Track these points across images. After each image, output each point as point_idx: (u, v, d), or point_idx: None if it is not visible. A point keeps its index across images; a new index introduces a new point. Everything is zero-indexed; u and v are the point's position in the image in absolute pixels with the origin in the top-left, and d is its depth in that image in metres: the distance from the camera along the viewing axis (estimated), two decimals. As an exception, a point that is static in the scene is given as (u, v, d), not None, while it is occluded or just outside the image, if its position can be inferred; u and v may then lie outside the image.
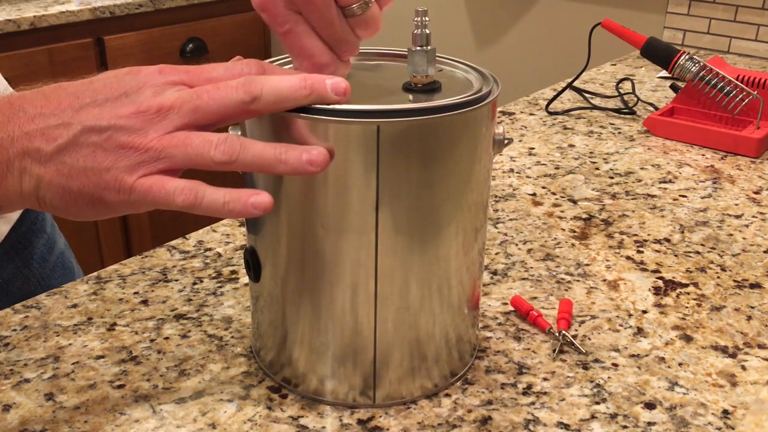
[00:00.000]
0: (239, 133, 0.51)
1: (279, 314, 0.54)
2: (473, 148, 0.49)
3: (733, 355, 0.60)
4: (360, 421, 0.52)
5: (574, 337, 0.62)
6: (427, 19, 0.51)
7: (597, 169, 0.96)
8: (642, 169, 0.96)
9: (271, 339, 0.55)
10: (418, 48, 0.51)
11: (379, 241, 0.49)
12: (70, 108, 0.45)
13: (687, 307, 0.66)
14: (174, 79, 0.46)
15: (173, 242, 0.75)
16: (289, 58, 0.55)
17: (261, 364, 0.58)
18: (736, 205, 0.87)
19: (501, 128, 0.52)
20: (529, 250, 0.76)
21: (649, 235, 0.79)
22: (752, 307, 0.67)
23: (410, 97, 0.51)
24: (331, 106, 0.46)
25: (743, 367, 0.59)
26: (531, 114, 1.17)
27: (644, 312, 0.66)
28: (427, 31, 0.51)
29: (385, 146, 0.46)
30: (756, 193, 0.90)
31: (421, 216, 0.49)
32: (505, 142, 0.53)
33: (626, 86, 1.29)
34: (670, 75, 1.08)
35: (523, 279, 0.70)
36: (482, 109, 0.49)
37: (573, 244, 0.77)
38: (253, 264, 0.53)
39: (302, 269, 0.51)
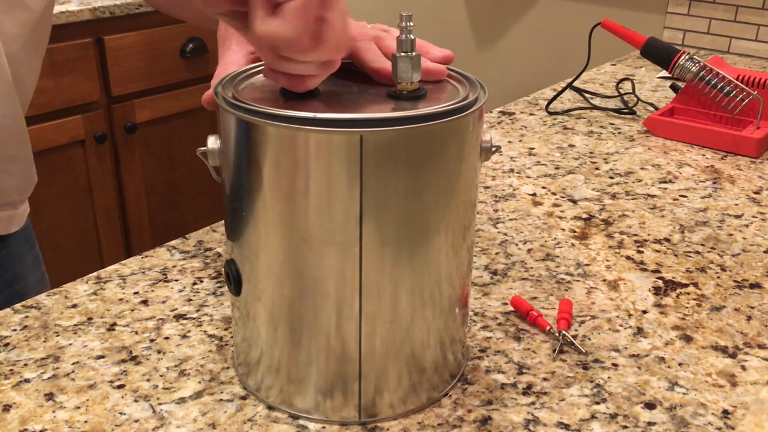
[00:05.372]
0: (218, 141, 0.50)
1: (255, 332, 0.52)
2: (460, 157, 0.48)
3: (733, 355, 0.60)
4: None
5: (574, 337, 0.62)
6: (411, 24, 0.49)
7: (597, 169, 0.96)
8: (642, 169, 0.96)
9: (243, 355, 0.54)
10: (403, 54, 0.49)
11: (364, 254, 0.47)
12: None
13: (687, 307, 0.67)
14: None
15: (173, 242, 0.75)
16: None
17: (236, 371, 0.57)
18: (736, 205, 0.87)
19: (489, 135, 0.51)
20: (529, 250, 0.76)
21: (649, 235, 0.79)
22: (752, 307, 0.67)
23: (394, 104, 0.49)
24: (312, 115, 0.44)
25: (743, 367, 0.59)
26: (531, 114, 1.17)
27: (644, 312, 0.66)
28: (412, 37, 0.49)
29: (368, 156, 0.45)
30: (756, 193, 0.90)
31: (407, 226, 0.47)
32: (493, 149, 0.51)
33: (626, 86, 1.29)
34: (670, 75, 1.09)
35: (523, 279, 0.70)
36: (469, 116, 0.47)
37: (573, 244, 0.77)
38: (233, 276, 0.51)
39: (281, 284, 0.49)
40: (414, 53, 0.49)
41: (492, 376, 0.57)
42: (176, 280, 0.69)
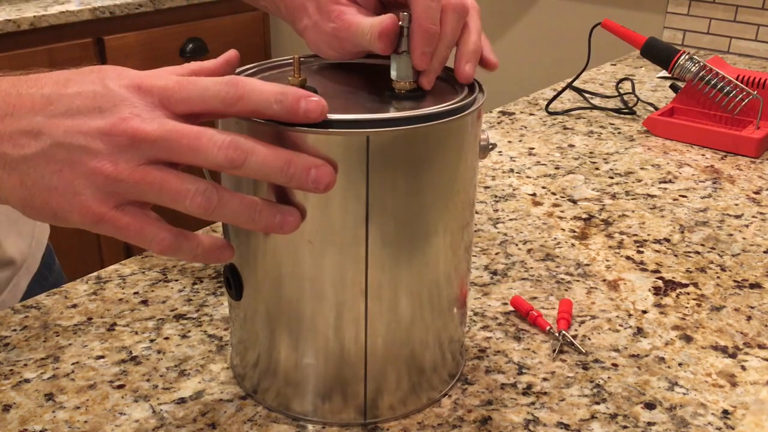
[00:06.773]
0: None
1: (254, 335, 0.52)
2: (460, 155, 0.48)
3: (733, 355, 0.60)
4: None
5: (574, 337, 0.62)
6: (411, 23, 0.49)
7: (597, 169, 0.96)
8: (642, 169, 0.96)
9: (239, 357, 0.54)
10: (402, 53, 0.49)
11: (370, 255, 0.47)
12: (42, 113, 0.41)
13: (687, 307, 0.66)
14: (153, 101, 0.42)
15: (173, 242, 0.75)
16: (285, 60, 0.54)
17: (233, 371, 0.57)
18: (736, 205, 0.87)
19: (486, 134, 0.52)
20: (529, 250, 0.76)
21: (649, 235, 0.79)
22: (752, 307, 0.67)
23: (396, 104, 0.49)
24: None
25: (743, 367, 0.59)
26: (531, 114, 1.17)
27: (644, 312, 0.66)
28: None
29: (374, 157, 0.44)
30: (756, 193, 0.90)
31: (408, 225, 0.47)
32: (490, 147, 0.52)
33: (626, 86, 1.29)
34: (670, 75, 1.09)
35: (523, 279, 0.70)
36: (470, 115, 0.48)
37: (573, 244, 0.77)
38: (234, 281, 0.51)
39: (285, 287, 0.48)
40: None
41: (492, 376, 0.57)
42: (176, 280, 0.69)
